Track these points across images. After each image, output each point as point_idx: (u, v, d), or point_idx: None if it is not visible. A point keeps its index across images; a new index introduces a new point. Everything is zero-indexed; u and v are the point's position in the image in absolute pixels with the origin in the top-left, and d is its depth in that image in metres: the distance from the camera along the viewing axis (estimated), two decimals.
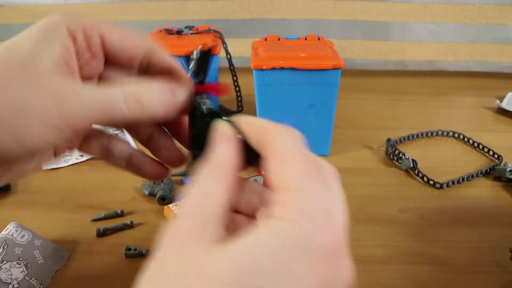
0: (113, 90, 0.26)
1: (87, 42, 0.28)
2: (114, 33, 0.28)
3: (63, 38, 0.27)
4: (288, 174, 0.21)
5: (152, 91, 0.27)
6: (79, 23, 0.28)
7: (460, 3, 0.84)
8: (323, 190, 0.21)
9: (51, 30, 0.27)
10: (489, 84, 0.86)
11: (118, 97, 0.26)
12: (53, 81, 0.25)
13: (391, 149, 0.59)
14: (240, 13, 0.88)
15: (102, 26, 0.28)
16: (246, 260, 0.18)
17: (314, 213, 0.20)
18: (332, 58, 0.54)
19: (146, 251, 0.41)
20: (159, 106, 0.27)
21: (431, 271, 0.40)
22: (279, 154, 0.22)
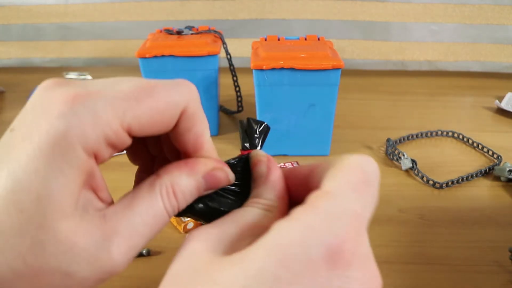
0: (152, 206, 0.22)
1: (112, 146, 0.21)
2: (142, 117, 0.21)
3: (80, 163, 0.20)
4: (336, 181, 0.20)
5: (188, 192, 0.23)
6: (97, 132, 0.20)
7: (460, 3, 0.84)
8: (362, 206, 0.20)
9: (62, 156, 0.19)
10: (489, 84, 0.86)
11: (161, 213, 0.22)
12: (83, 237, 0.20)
13: (391, 149, 0.59)
14: (240, 13, 0.88)
15: (125, 113, 0.20)
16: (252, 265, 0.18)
17: (333, 218, 0.19)
18: (332, 58, 0.54)
19: (146, 251, 0.41)
20: (195, 196, 0.24)
21: (431, 271, 0.40)
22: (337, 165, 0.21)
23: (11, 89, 0.83)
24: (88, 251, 0.20)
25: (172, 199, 0.22)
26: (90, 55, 0.93)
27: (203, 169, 0.24)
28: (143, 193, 0.22)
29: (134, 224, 0.21)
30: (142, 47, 0.61)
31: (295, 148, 0.59)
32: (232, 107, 0.72)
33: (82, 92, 0.20)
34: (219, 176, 0.24)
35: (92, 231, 0.20)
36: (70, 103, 0.19)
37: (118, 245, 0.20)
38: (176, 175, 0.23)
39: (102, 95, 0.20)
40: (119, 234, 0.21)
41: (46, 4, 0.89)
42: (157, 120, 0.22)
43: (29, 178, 0.19)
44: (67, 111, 0.19)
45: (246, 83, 0.67)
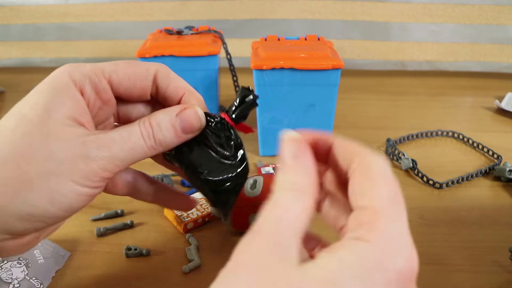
0: (131, 132, 0.27)
1: (96, 91, 0.28)
2: (119, 72, 0.29)
3: (71, 93, 0.27)
4: (377, 196, 0.21)
5: (163, 125, 0.28)
6: (84, 75, 0.28)
7: (459, 4, 0.84)
8: (404, 219, 0.21)
9: (58, 87, 0.27)
10: (489, 84, 0.86)
11: (137, 136, 0.27)
12: (70, 133, 0.26)
13: (390, 149, 0.59)
14: (240, 13, 0.88)
15: (106, 69, 0.29)
16: (330, 280, 0.18)
17: (398, 239, 0.20)
18: (332, 58, 0.54)
19: (146, 251, 0.41)
20: (172, 136, 0.29)
21: (431, 271, 0.40)
22: (368, 175, 0.22)
23: (11, 89, 0.83)
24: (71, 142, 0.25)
25: (147, 127, 0.27)
26: (90, 55, 0.93)
27: (177, 109, 0.29)
28: (125, 125, 0.28)
29: (112, 136, 0.26)
30: (142, 47, 0.61)
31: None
32: None
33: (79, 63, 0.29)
34: (189, 114, 0.29)
35: (78, 132, 0.26)
36: (69, 64, 0.28)
37: (95, 147, 0.25)
38: (154, 112, 0.29)
39: (93, 63, 0.29)
40: (98, 140, 0.26)
41: (46, 4, 0.89)
42: (132, 77, 0.29)
43: (32, 97, 0.26)
44: (64, 66, 0.28)
45: (246, 83, 0.67)
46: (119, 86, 0.29)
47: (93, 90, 0.28)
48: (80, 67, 0.28)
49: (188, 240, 0.43)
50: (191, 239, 0.43)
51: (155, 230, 0.45)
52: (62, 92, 0.27)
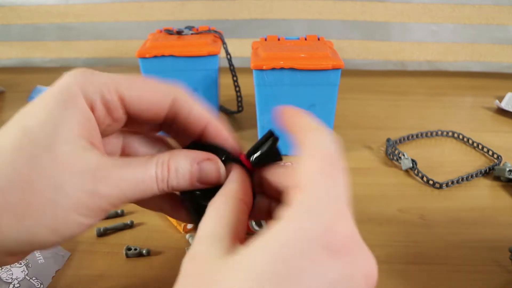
0: (146, 173, 0.25)
1: (107, 108, 0.26)
2: (134, 90, 0.26)
3: (82, 109, 0.24)
4: (304, 172, 0.22)
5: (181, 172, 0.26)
6: (96, 88, 0.25)
7: (459, 3, 0.84)
8: (332, 186, 0.22)
9: (67, 101, 0.24)
10: (489, 84, 0.86)
11: (151, 179, 0.25)
12: (81, 162, 0.23)
13: (390, 149, 0.59)
14: (240, 13, 0.88)
15: (120, 83, 0.26)
16: (253, 266, 0.19)
17: (321, 212, 0.20)
18: (332, 58, 0.54)
19: (146, 251, 0.41)
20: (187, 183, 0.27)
21: (431, 271, 0.40)
22: (307, 154, 0.23)
23: (11, 89, 0.83)
24: (79, 173, 0.23)
25: (164, 171, 0.25)
26: (90, 55, 0.93)
27: (200, 156, 0.27)
28: (142, 158, 0.26)
29: (125, 175, 0.24)
30: (142, 47, 0.61)
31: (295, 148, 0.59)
32: (232, 107, 0.72)
33: (90, 70, 0.26)
34: (211, 168, 0.27)
35: (87, 160, 0.24)
36: (80, 70, 0.25)
37: (105, 177, 0.24)
38: (175, 153, 0.26)
39: (107, 73, 0.26)
40: (110, 172, 0.24)
41: (46, 4, 0.89)
42: (146, 99, 0.26)
43: (38, 113, 0.24)
44: (75, 73, 0.25)
45: (246, 83, 0.67)
46: (131, 106, 0.26)
47: (104, 107, 0.26)
48: (93, 78, 0.25)
49: (188, 240, 0.43)
50: (191, 239, 0.43)
51: (155, 230, 0.45)
52: (72, 108, 0.24)
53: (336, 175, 0.22)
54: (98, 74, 0.26)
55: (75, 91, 0.24)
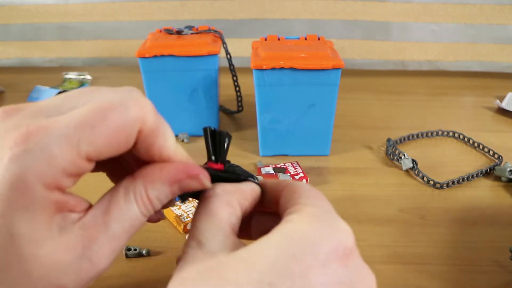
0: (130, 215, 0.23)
1: (74, 176, 0.21)
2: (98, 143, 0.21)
3: (43, 200, 0.20)
4: (300, 196, 0.24)
5: (163, 196, 0.24)
6: (55, 169, 0.20)
7: (460, 3, 0.84)
8: (329, 207, 0.24)
9: (22, 197, 0.20)
10: (489, 84, 0.86)
11: (139, 219, 0.23)
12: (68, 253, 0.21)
13: (391, 149, 0.59)
14: (240, 13, 0.88)
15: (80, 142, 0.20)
16: (256, 257, 0.20)
17: (328, 220, 0.22)
18: (332, 58, 0.54)
19: (146, 251, 0.41)
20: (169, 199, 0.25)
21: (431, 271, 0.40)
22: (293, 189, 0.25)
23: (11, 89, 0.83)
24: (72, 263, 0.21)
25: (147, 205, 0.23)
26: (90, 55, 0.93)
27: (176, 175, 0.24)
28: (119, 199, 0.23)
29: (112, 231, 0.22)
30: (142, 47, 0.61)
31: (295, 148, 0.59)
32: (232, 107, 0.72)
33: (33, 128, 0.20)
34: (193, 184, 0.25)
35: (72, 245, 0.21)
36: (23, 143, 0.20)
37: (98, 252, 0.21)
38: (150, 181, 0.23)
39: (55, 127, 0.20)
40: (99, 241, 0.21)
41: (46, 4, 0.89)
42: (114, 143, 0.22)
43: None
44: (20, 153, 0.19)
45: (246, 83, 0.67)
46: (98, 156, 0.22)
47: (70, 178, 0.21)
48: (46, 159, 0.20)
49: None
50: None
51: (155, 230, 0.45)
52: (31, 205, 0.20)
53: (324, 199, 0.25)
54: (49, 142, 0.20)
55: (28, 184, 0.20)
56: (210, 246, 0.22)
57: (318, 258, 0.20)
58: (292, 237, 0.20)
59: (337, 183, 0.54)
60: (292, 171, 0.53)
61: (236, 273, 0.19)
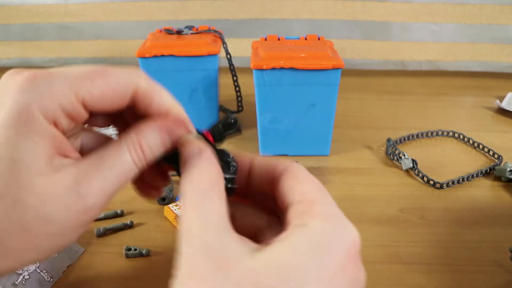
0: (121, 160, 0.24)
1: (70, 117, 0.24)
2: (94, 89, 0.24)
3: (45, 129, 0.22)
4: (307, 190, 0.24)
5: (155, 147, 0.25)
6: (55, 102, 0.23)
7: (460, 3, 0.84)
8: (334, 203, 0.24)
9: (27, 124, 0.22)
10: (489, 84, 0.86)
11: (130, 166, 0.24)
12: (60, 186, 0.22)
13: (391, 149, 0.59)
14: (240, 13, 0.88)
15: (78, 86, 0.23)
16: (284, 263, 0.20)
17: (337, 218, 0.22)
18: (332, 58, 0.54)
19: (146, 251, 0.41)
20: (163, 152, 0.26)
21: (431, 271, 0.40)
22: (295, 177, 0.25)
23: None
24: (62, 197, 0.22)
25: (139, 153, 0.25)
26: (90, 55, 0.93)
27: (166, 124, 0.26)
28: (111, 148, 0.24)
29: (104, 172, 0.24)
30: (142, 47, 0.61)
31: (295, 148, 0.59)
32: (232, 107, 0.72)
33: (42, 72, 0.23)
34: (180, 131, 0.26)
35: (65, 181, 0.23)
36: (31, 80, 0.23)
37: (87, 187, 0.23)
38: (141, 130, 0.25)
39: (60, 75, 0.23)
40: (90, 180, 0.23)
41: (46, 4, 0.89)
42: (108, 97, 0.25)
43: (1, 149, 0.22)
44: (27, 87, 0.22)
45: (246, 83, 0.67)
46: (93, 105, 0.24)
47: (67, 118, 0.24)
48: (49, 91, 0.23)
49: None
50: None
51: (155, 230, 0.45)
52: (35, 134, 0.22)
53: (328, 194, 0.25)
54: (53, 82, 0.23)
55: (33, 113, 0.22)
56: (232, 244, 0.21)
57: (339, 261, 0.21)
58: (312, 241, 0.21)
59: (337, 183, 0.54)
60: None
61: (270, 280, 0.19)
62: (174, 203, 0.47)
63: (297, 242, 0.21)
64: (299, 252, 0.20)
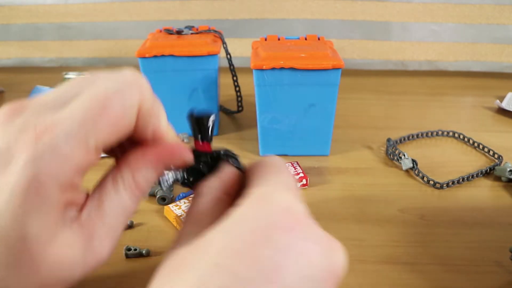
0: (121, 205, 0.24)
1: (84, 170, 0.22)
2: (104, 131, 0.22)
3: (55, 200, 0.21)
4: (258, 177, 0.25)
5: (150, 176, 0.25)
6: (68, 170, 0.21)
7: (460, 3, 0.84)
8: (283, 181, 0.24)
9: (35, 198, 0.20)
10: (489, 84, 0.86)
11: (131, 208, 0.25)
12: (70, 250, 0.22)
13: (391, 149, 0.59)
14: (240, 13, 0.88)
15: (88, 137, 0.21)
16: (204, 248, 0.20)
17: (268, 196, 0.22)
18: (332, 58, 0.54)
19: (146, 251, 0.41)
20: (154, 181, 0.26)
21: (431, 271, 0.40)
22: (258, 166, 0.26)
23: (11, 89, 0.83)
24: (77, 257, 0.22)
25: (135, 192, 0.25)
26: (90, 55, 0.93)
27: (162, 159, 0.25)
28: (109, 191, 0.24)
29: (108, 222, 0.24)
30: (142, 47, 0.61)
31: (295, 148, 0.59)
32: (232, 107, 0.72)
33: (40, 128, 0.21)
34: (175, 161, 0.26)
35: (74, 242, 0.22)
36: (33, 146, 0.20)
37: (99, 244, 0.23)
38: (135, 168, 0.25)
39: (61, 126, 0.21)
40: (97, 235, 0.23)
41: (46, 4, 0.89)
42: (117, 130, 0.23)
43: (10, 221, 0.20)
44: (32, 156, 0.20)
45: (246, 83, 0.67)
46: (105, 145, 0.23)
47: (80, 174, 0.22)
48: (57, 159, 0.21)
49: None
50: None
51: (155, 230, 0.45)
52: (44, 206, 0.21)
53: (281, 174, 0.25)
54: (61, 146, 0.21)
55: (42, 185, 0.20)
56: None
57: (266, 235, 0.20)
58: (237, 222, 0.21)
59: (337, 183, 0.54)
60: (292, 171, 0.53)
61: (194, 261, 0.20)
62: (174, 203, 0.47)
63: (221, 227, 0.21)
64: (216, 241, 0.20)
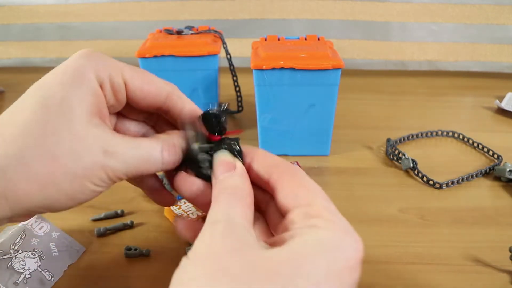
0: (152, 151, 0.28)
1: (113, 89, 0.29)
2: (136, 79, 0.30)
3: (94, 88, 0.27)
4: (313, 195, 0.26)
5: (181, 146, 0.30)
6: (106, 70, 0.28)
7: (460, 3, 0.84)
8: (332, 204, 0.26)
9: (82, 79, 0.27)
10: (489, 84, 0.86)
11: (157, 159, 0.28)
12: (94, 138, 0.26)
13: (391, 149, 0.59)
14: (240, 13, 0.88)
15: (125, 70, 0.29)
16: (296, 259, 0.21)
17: (346, 227, 0.24)
18: (332, 58, 0.54)
19: (146, 251, 0.41)
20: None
21: (431, 271, 0.40)
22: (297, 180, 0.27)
23: (11, 89, 0.83)
24: (95, 150, 0.26)
25: (171, 149, 0.29)
26: None
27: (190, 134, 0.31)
28: (147, 139, 0.29)
29: (133, 153, 0.28)
30: (142, 47, 0.61)
31: (295, 148, 0.59)
32: (232, 107, 0.72)
33: (99, 52, 0.29)
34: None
35: (101, 138, 0.26)
36: (89, 51, 0.29)
37: (115, 160, 0.27)
38: (175, 135, 0.30)
39: (112, 59, 0.30)
40: (119, 153, 0.27)
41: (46, 4, 0.89)
42: (146, 90, 0.30)
43: (55, 88, 0.26)
44: (85, 54, 0.29)
45: (246, 83, 0.67)
46: (132, 93, 0.30)
47: (111, 88, 0.29)
48: (103, 61, 0.29)
49: (188, 241, 0.43)
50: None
51: (155, 230, 0.45)
52: (86, 87, 0.27)
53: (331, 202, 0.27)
54: (107, 57, 0.29)
55: (88, 71, 0.27)
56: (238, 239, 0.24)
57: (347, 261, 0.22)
58: (323, 242, 0.22)
59: (337, 183, 0.54)
60: None
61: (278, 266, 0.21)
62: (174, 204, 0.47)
63: (309, 239, 0.23)
64: (311, 247, 0.22)
